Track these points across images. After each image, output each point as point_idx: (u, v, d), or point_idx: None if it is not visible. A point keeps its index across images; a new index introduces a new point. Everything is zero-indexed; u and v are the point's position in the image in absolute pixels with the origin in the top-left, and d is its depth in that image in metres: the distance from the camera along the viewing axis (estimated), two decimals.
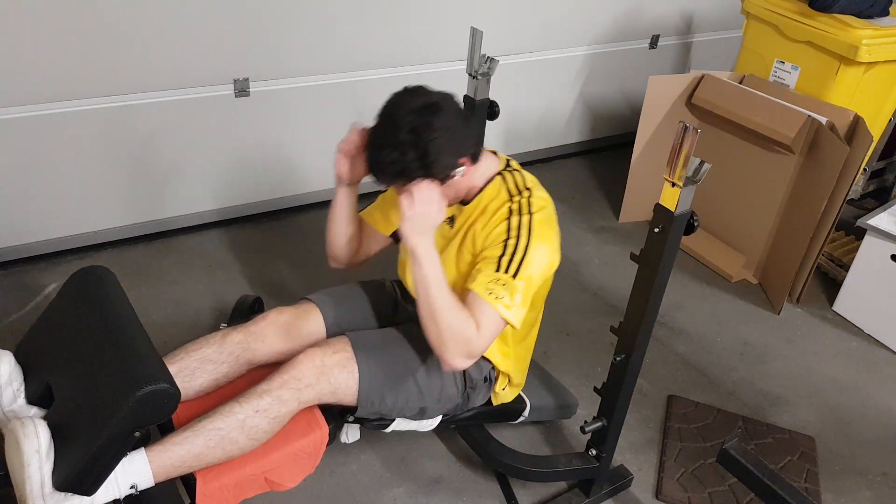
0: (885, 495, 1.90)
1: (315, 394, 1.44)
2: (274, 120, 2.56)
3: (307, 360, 1.45)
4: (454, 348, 1.37)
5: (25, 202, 2.26)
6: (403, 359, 1.55)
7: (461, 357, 1.38)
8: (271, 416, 1.38)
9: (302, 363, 1.44)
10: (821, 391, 2.23)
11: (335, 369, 1.46)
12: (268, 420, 1.37)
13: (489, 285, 1.39)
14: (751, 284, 2.71)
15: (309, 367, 1.44)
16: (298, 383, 1.42)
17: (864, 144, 2.25)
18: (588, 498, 1.77)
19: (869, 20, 2.55)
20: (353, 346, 1.50)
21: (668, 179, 1.27)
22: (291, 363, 1.45)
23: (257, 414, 1.36)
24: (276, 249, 2.60)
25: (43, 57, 2.08)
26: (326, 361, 1.46)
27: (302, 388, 1.42)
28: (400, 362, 1.54)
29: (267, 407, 1.37)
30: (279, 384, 1.40)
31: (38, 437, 1.18)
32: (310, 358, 1.45)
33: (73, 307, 1.38)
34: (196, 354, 1.52)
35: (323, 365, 1.45)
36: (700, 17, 3.49)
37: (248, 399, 1.38)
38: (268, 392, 1.39)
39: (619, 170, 2.96)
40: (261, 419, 1.36)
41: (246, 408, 1.36)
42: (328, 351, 1.48)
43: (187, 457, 1.31)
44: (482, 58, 1.83)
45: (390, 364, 1.53)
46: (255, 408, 1.36)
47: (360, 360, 1.48)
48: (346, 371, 1.47)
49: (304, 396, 1.42)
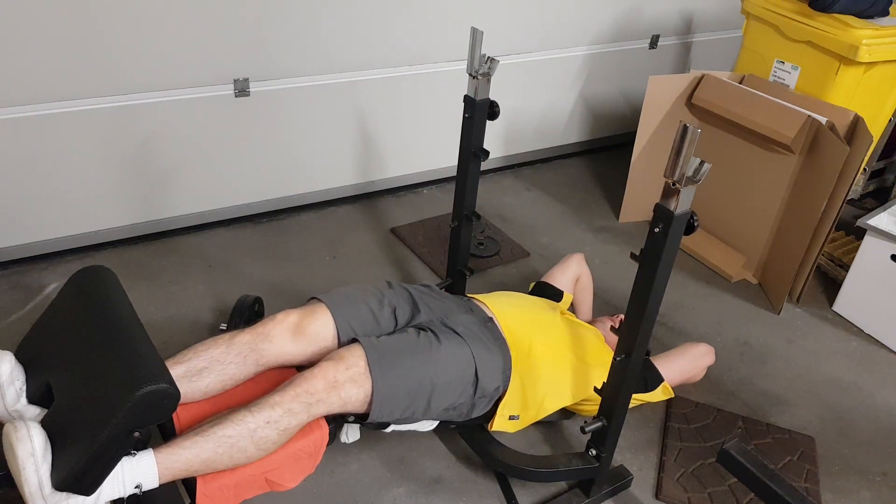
0: (884, 495, 1.90)
1: (325, 408, 1.46)
2: (274, 120, 2.56)
3: (321, 374, 1.45)
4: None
5: (26, 202, 2.26)
6: (418, 375, 1.55)
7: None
8: (281, 427, 1.39)
9: (316, 378, 1.45)
10: (821, 391, 2.23)
11: (347, 384, 1.47)
12: (277, 432, 1.38)
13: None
14: (751, 284, 2.71)
15: (322, 383, 1.44)
16: (310, 398, 1.42)
17: (864, 144, 2.25)
18: (588, 498, 1.77)
19: (869, 20, 2.55)
20: (369, 360, 1.51)
21: (668, 179, 1.27)
22: (305, 376, 1.45)
23: (268, 425, 1.37)
24: (276, 249, 2.60)
25: (43, 57, 2.08)
26: (339, 377, 1.46)
27: (313, 402, 1.43)
28: (414, 379, 1.54)
29: (278, 419, 1.38)
30: (291, 397, 1.41)
31: (31, 440, 1.18)
32: (323, 373, 1.46)
33: (73, 307, 1.38)
34: (204, 355, 1.52)
35: (336, 380, 1.46)
36: (700, 17, 3.49)
37: (261, 409, 1.38)
38: (279, 404, 1.39)
39: (619, 170, 2.96)
40: (271, 430, 1.37)
41: (258, 417, 1.37)
42: (341, 367, 1.48)
43: (195, 461, 1.31)
44: (482, 58, 1.83)
45: (405, 381, 1.53)
46: (267, 419, 1.37)
47: (374, 376, 1.49)
48: (357, 386, 1.48)
49: (315, 410, 1.44)
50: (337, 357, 1.51)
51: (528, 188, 3.21)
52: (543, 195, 3.17)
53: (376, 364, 1.50)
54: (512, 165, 3.36)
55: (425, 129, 2.94)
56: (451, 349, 1.60)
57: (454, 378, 1.58)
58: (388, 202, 2.98)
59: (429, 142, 2.98)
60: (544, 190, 3.21)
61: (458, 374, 1.59)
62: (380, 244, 2.70)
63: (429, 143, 2.98)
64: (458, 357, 1.60)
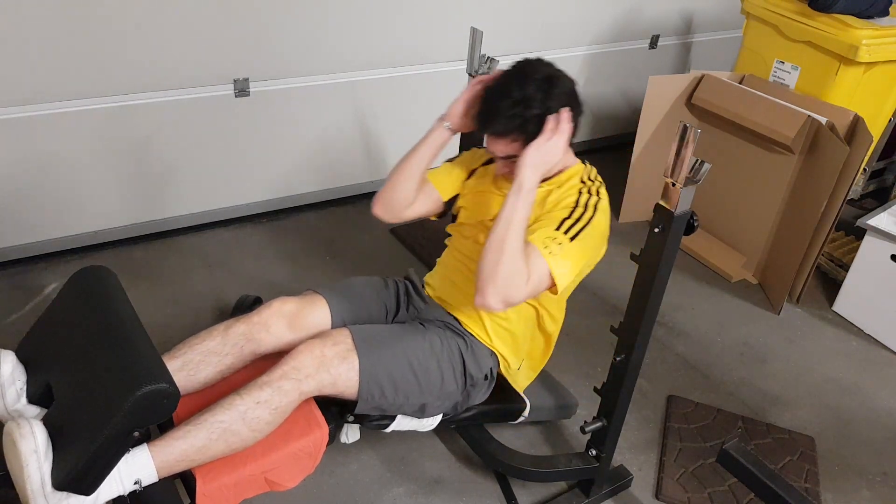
0: (884, 495, 1.90)
1: (315, 385, 1.44)
2: (274, 120, 2.56)
3: (307, 350, 1.45)
4: (499, 289, 1.38)
5: (26, 202, 2.26)
6: (405, 353, 1.55)
7: (499, 300, 1.39)
8: (272, 406, 1.38)
9: (302, 354, 1.44)
10: (821, 391, 2.23)
11: (335, 360, 1.46)
12: (269, 411, 1.37)
13: (546, 240, 1.44)
14: (751, 284, 2.71)
15: (309, 358, 1.44)
16: (299, 374, 1.41)
17: (864, 144, 2.25)
18: (588, 498, 1.77)
19: (869, 20, 2.55)
20: (354, 339, 1.50)
21: (668, 179, 1.27)
22: (291, 354, 1.45)
23: (258, 405, 1.36)
24: (276, 249, 2.61)
25: (43, 57, 2.08)
26: (326, 352, 1.46)
27: (302, 378, 1.41)
28: (401, 357, 1.54)
29: (268, 398, 1.37)
30: (279, 375, 1.40)
31: (34, 437, 1.18)
32: (310, 349, 1.45)
33: (73, 307, 1.38)
34: (199, 347, 1.51)
35: (323, 355, 1.45)
36: (700, 17, 3.49)
37: (249, 391, 1.38)
38: (268, 384, 1.39)
39: (619, 170, 2.96)
40: (262, 410, 1.37)
41: (247, 399, 1.36)
42: (328, 342, 1.48)
43: (190, 450, 1.31)
44: (482, 58, 1.84)
45: (391, 358, 1.53)
46: (256, 399, 1.36)
47: (360, 352, 1.48)
48: (346, 362, 1.47)
49: (305, 387, 1.42)
50: (323, 335, 1.51)
51: None
52: None
53: (362, 342, 1.50)
54: None
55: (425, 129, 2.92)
56: (435, 335, 1.60)
57: (441, 359, 1.57)
58: None
59: None
60: None
61: (443, 356, 1.58)
62: (379, 244, 2.70)
63: None
64: (441, 342, 1.60)
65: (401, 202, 1.70)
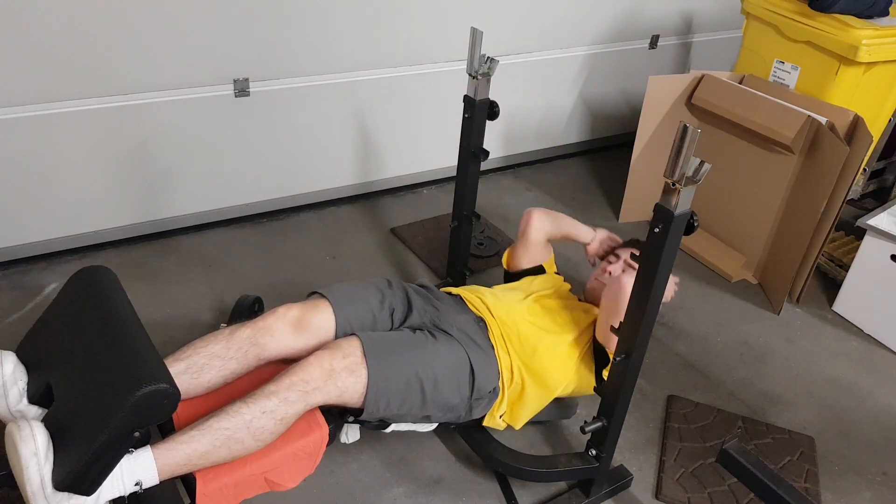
0: (884, 495, 1.90)
1: (322, 397, 1.44)
2: (274, 120, 2.56)
3: (316, 362, 1.45)
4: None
5: (26, 202, 2.26)
6: (414, 367, 1.54)
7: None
8: (278, 417, 1.38)
9: (311, 365, 1.44)
10: (821, 391, 2.23)
11: (343, 373, 1.46)
12: (274, 421, 1.37)
13: None
14: (751, 284, 2.71)
15: (318, 370, 1.44)
16: (306, 385, 1.42)
17: (864, 144, 2.25)
18: (588, 498, 1.77)
19: (869, 20, 2.55)
20: (365, 351, 1.50)
21: (667, 179, 1.27)
22: (300, 365, 1.44)
23: (264, 415, 1.36)
24: (276, 249, 2.60)
25: (43, 57, 2.08)
26: (335, 365, 1.46)
27: (309, 390, 1.42)
28: (410, 370, 1.54)
29: (274, 408, 1.37)
30: (287, 386, 1.40)
31: (34, 439, 1.18)
32: (319, 361, 1.45)
33: (73, 307, 1.38)
34: (204, 351, 1.51)
35: (332, 368, 1.45)
36: (700, 17, 3.49)
37: (256, 400, 1.38)
38: (275, 393, 1.39)
39: (619, 170, 2.96)
40: (267, 420, 1.37)
41: (253, 408, 1.36)
42: (337, 354, 1.47)
43: (193, 455, 1.31)
44: (482, 58, 1.83)
45: (400, 372, 1.53)
46: (262, 409, 1.36)
47: (370, 367, 1.49)
48: (354, 376, 1.47)
49: (311, 399, 1.43)
50: (333, 346, 1.51)
51: (528, 188, 3.21)
52: (543, 195, 3.17)
53: (372, 354, 1.50)
54: (512, 165, 3.36)
55: (425, 129, 2.95)
56: (446, 347, 1.61)
57: (449, 375, 1.58)
58: (388, 202, 2.98)
59: (429, 142, 2.98)
60: (544, 190, 3.21)
61: (452, 371, 1.59)
62: (380, 244, 2.71)
63: (429, 143, 2.98)
64: (452, 355, 1.60)
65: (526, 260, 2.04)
